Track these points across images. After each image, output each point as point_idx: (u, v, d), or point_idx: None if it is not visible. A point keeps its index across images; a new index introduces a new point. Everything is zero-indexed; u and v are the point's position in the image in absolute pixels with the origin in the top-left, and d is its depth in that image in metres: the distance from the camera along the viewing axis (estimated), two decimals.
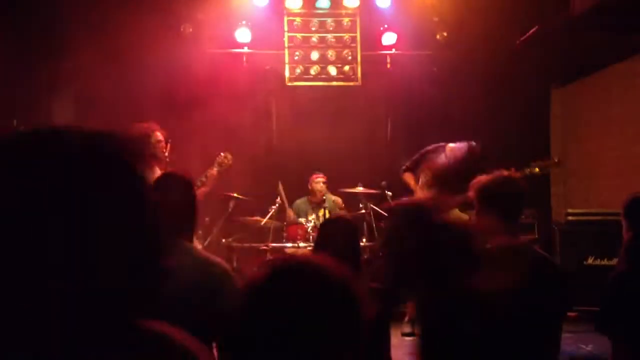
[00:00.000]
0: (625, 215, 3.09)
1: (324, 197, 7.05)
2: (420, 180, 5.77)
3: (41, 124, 0.87)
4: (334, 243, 3.07)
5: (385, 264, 2.48)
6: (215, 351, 2.44)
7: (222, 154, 5.33)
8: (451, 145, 5.82)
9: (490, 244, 2.78)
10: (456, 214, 5.56)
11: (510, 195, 2.74)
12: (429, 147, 5.82)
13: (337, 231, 3.13)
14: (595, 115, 7.79)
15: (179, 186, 2.67)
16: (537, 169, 5.41)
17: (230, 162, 5.31)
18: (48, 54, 7.25)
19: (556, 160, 5.64)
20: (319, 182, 7.20)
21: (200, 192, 5.19)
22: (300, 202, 7.34)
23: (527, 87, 7.84)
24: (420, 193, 5.66)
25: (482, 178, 2.86)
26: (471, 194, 2.84)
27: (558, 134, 8.37)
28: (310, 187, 7.26)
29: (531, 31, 6.95)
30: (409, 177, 5.78)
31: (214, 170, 5.24)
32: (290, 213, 7.21)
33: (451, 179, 5.61)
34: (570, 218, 6.57)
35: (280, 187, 7.11)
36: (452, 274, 2.18)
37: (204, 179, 5.19)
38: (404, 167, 5.81)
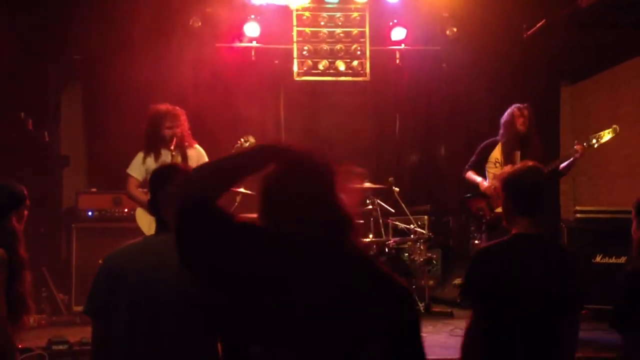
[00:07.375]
0: (637, 214, 3.06)
1: None
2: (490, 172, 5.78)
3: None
4: None
5: None
6: (219, 347, 2.41)
7: (241, 139, 5.23)
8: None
9: (511, 232, 2.83)
10: None
11: (530, 185, 2.78)
12: (484, 143, 5.90)
13: None
14: (604, 113, 7.74)
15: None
16: (595, 140, 5.60)
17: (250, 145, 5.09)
18: (56, 46, 7.26)
19: (614, 127, 5.63)
20: None
21: None
22: None
23: (536, 84, 7.79)
24: (490, 184, 5.67)
25: (507, 168, 2.92)
26: (497, 184, 2.89)
27: (568, 132, 8.32)
28: None
29: (539, 24, 6.90)
30: (472, 175, 5.83)
31: None
32: None
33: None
34: (578, 216, 6.53)
35: None
36: None
37: None
38: (467, 167, 5.88)
